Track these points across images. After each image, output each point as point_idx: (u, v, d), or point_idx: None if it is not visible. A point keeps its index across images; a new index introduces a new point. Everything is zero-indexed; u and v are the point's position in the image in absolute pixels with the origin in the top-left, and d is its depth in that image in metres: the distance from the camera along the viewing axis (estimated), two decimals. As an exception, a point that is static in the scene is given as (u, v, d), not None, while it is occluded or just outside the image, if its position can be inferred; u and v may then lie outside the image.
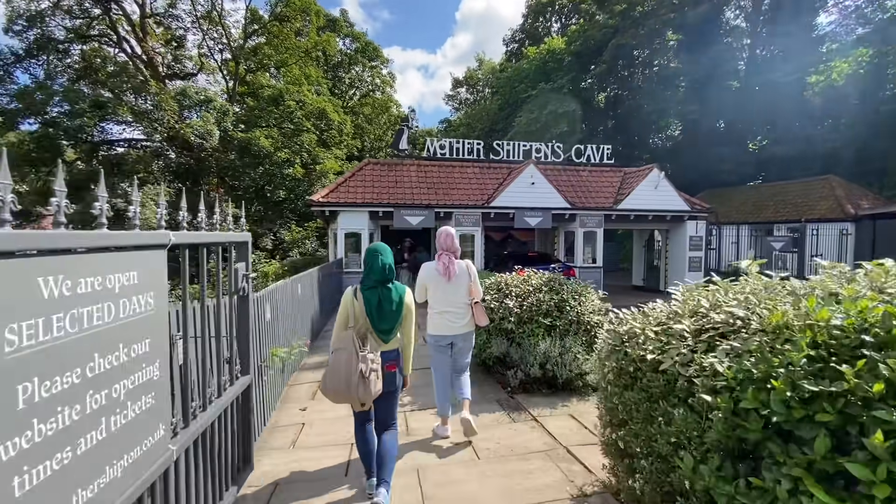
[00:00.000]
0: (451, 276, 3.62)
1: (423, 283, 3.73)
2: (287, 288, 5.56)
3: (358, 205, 11.88)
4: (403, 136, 13.62)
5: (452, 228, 3.84)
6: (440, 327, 3.69)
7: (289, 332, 5.58)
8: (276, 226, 20.35)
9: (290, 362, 5.44)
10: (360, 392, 2.49)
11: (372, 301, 2.66)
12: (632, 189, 13.44)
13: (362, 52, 35.35)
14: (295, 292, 6.22)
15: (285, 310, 5.51)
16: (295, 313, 6.27)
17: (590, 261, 13.41)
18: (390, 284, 2.73)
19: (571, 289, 5.16)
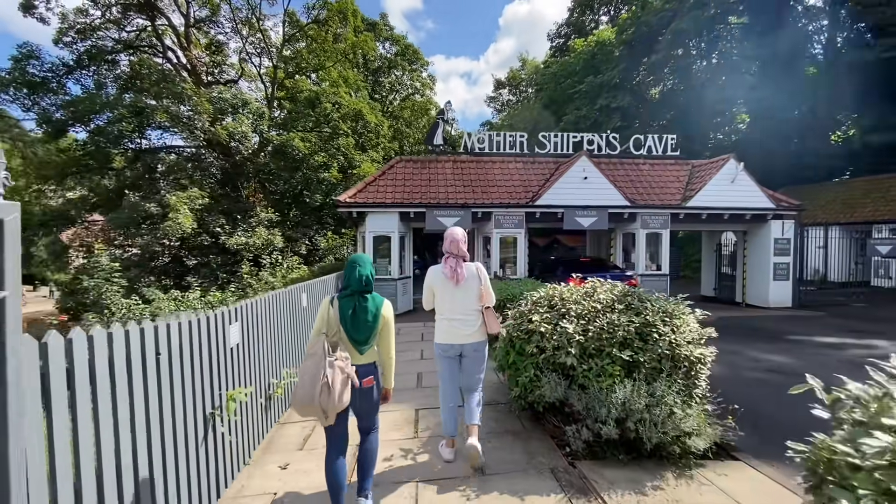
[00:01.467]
0: (458, 279, 3.31)
1: (430, 288, 3.44)
2: (278, 300, 4.40)
3: (387, 205, 10.76)
4: (438, 130, 12.42)
5: (461, 231, 3.46)
6: (447, 335, 3.37)
7: (283, 355, 4.42)
8: (312, 231, 19.81)
9: (279, 395, 4.27)
10: (323, 400, 2.33)
11: (346, 310, 2.56)
12: (703, 183, 11.48)
13: (402, 55, 34.90)
14: (296, 304, 5.07)
15: (278, 328, 4.35)
16: (298, 331, 5.11)
17: (654, 267, 11.56)
18: (367, 295, 2.62)
19: (658, 307, 3.64)
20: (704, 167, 12.31)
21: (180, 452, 2.46)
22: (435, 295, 3.43)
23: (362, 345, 2.58)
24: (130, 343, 2.09)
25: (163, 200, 15.37)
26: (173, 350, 2.43)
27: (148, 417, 2.18)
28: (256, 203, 20.87)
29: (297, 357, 5.04)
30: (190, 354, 2.62)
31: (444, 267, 3.38)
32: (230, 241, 15.96)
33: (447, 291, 3.37)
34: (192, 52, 22.46)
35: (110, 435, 1.92)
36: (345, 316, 2.54)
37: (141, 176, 17.82)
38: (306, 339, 5.51)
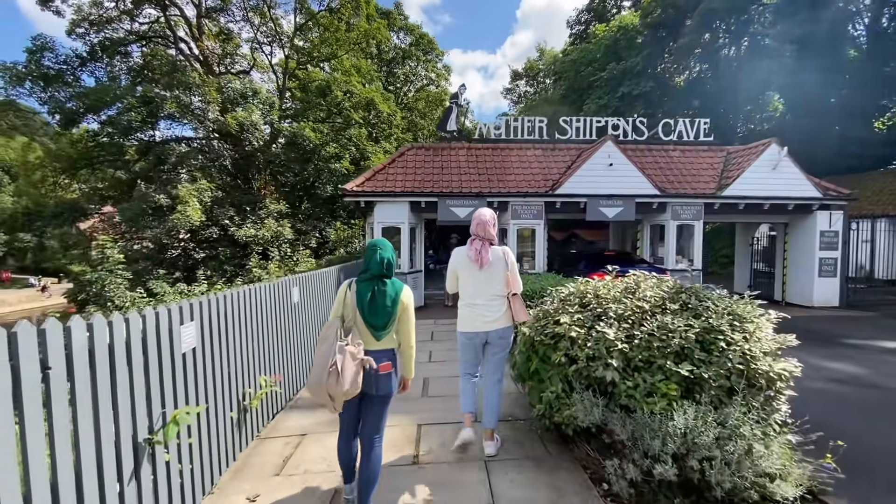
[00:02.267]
0: (483, 263, 3.15)
1: (454, 271, 3.32)
2: (256, 295, 3.77)
3: (397, 194, 10.09)
4: (452, 115, 11.69)
5: (490, 212, 3.29)
6: (470, 322, 3.23)
7: (265, 360, 3.80)
8: (322, 223, 19.33)
9: (256, 407, 3.64)
10: (331, 386, 2.25)
11: (364, 294, 2.45)
12: (741, 170, 10.49)
13: (416, 45, 34.17)
14: (284, 299, 4.44)
15: (259, 328, 3.73)
16: (288, 330, 4.49)
17: (685, 262, 10.64)
18: (387, 280, 2.51)
19: (724, 307, 2.87)
20: (742, 153, 11.28)
21: (90, 499, 1.82)
22: (458, 278, 3.30)
23: (379, 330, 2.48)
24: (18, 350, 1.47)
25: (172, 192, 15.02)
26: (76, 361, 1.79)
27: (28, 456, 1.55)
28: (268, 195, 20.50)
29: (286, 361, 4.42)
30: (110, 365, 1.98)
31: (469, 249, 3.22)
32: (239, 233, 15.55)
33: (471, 275, 3.22)
34: (204, 42, 22.12)
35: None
36: (362, 300, 2.46)
37: (152, 167, 17.53)
38: (299, 337, 4.89)
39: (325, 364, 2.28)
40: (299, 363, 4.87)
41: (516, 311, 3.23)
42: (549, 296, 4.13)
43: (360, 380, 2.33)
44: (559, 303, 3.41)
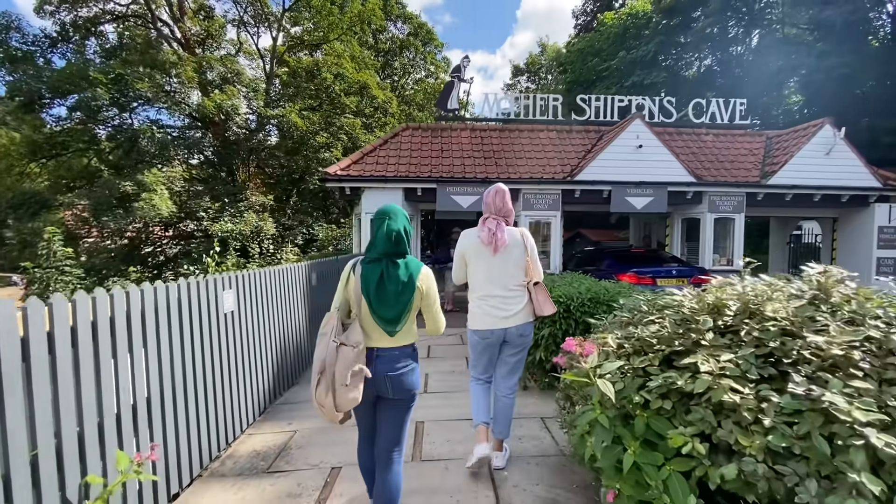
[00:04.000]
0: (498, 246, 2.66)
1: (462, 256, 2.79)
2: (148, 297, 2.25)
3: (389, 179, 8.56)
4: (453, 92, 10.18)
5: (505, 186, 2.82)
6: (483, 319, 2.72)
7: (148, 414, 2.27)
8: (311, 219, 17.81)
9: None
10: (320, 396, 1.86)
11: (370, 278, 1.95)
12: (789, 156, 9.02)
13: (415, 34, 32.68)
14: (204, 307, 2.93)
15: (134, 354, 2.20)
16: (211, 353, 2.97)
17: (723, 262, 9.18)
18: (400, 259, 1.99)
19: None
20: (787, 137, 9.81)
21: None
22: (468, 265, 2.80)
23: (392, 325, 1.95)
24: None
25: (138, 179, 13.44)
26: None
27: None
28: (253, 188, 18.93)
29: (185, 408, 2.89)
30: None
31: (481, 229, 2.74)
32: (214, 227, 13.99)
33: (483, 261, 2.73)
34: (186, 24, 20.52)
35: None
36: (368, 287, 1.93)
37: (122, 155, 15.91)
38: (238, 363, 3.36)
39: (315, 372, 1.90)
40: (231, 400, 3.32)
41: (540, 303, 2.76)
42: (618, 307, 2.67)
43: (357, 391, 1.86)
44: (664, 320, 1.89)
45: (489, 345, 2.77)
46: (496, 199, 2.77)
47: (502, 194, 2.79)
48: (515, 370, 2.86)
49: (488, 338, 2.74)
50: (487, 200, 2.80)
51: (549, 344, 4.00)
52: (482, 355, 2.83)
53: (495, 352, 2.82)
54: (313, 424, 3.55)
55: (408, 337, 2.06)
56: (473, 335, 2.81)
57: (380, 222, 2.02)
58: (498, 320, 2.70)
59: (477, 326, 2.76)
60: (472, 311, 2.80)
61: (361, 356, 1.91)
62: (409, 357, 2.06)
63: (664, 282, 7.46)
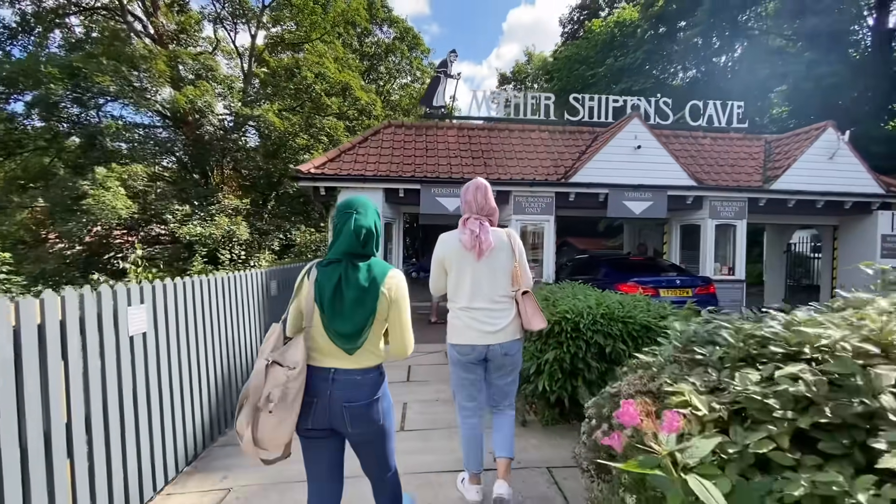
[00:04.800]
0: (483, 249, 2.27)
1: (441, 262, 2.38)
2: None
3: (368, 179, 7.81)
4: (440, 88, 9.53)
5: (485, 181, 2.44)
6: (466, 333, 2.33)
7: None
8: (288, 223, 16.88)
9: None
10: (239, 422, 1.52)
11: (326, 284, 1.60)
12: (793, 160, 8.58)
13: (401, 38, 32.16)
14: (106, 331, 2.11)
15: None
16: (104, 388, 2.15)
17: (724, 271, 8.64)
18: (362, 262, 1.65)
19: None
20: (788, 141, 9.40)
21: None
22: (448, 273, 2.38)
23: (349, 341, 1.60)
24: None
25: (94, 177, 12.36)
26: None
27: None
28: (228, 191, 17.93)
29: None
30: None
31: (462, 232, 2.32)
32: (182, 231, 12.98)
33: (465, 268, 2.31)
34: (160, 18, 19.52)
35: None
36: (322, 294, 1.59)
37: (80, 153, 14.75)
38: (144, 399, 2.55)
39: (242, 392, 1.54)
40: (139, 451, 2.48)
41: (528, 315, 2.37)
42: (665, 338, 1.98)
43: (284, 425, 1.51)
44: (795, 366, 1.17)
45: (469, 363, 2.37)
46: (477, 195, 2.37)
47: (483, 190, 2.39)
48: (508, 392, 2.49)
49: (469, 354, 2.34)
50: (467, 198, 2.40)
51: (553, 371, 3.27)
52: (464, 375, 2.41)
53: (479, 373, 2.42)
54: (256, 478, 2.75)
55: (372, 357, 1.68)
56: (452, 350, 2.40)
57: (345, 216, 1.67)
58: (481, 335, 2.31)
59: (456, 340, 2.37)
60: (452, 323, 2.40)
61: (296, 381, 1.54)
62: (374, 384, 1.68)
63: (667, 292, 6.86)
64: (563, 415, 3.51)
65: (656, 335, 3.27)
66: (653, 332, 3.31)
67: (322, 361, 1.63)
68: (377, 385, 1.70)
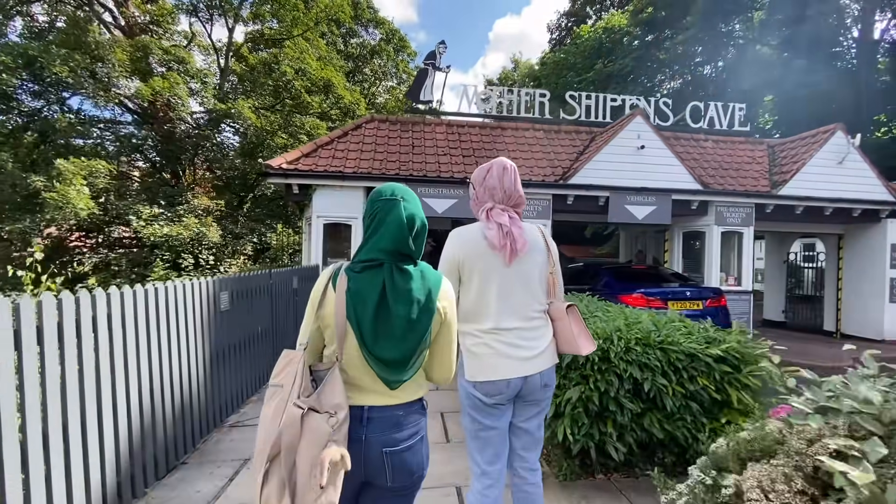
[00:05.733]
0: (514, 251, 1.68)
1: (456, 266, 1.72)
2: None
3: (347, 176, 7.02)
4: (427, 81, 8.82)
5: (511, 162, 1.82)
6: (497, 364, 1.69)
7: None
8: (263, 226, 15.89)
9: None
10: (267, 495, 1.12)
11: (368, 295, 1.24)
12: (800, 164, 8.11)
13: (387, 40, 31.53)
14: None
15: None
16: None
17: (730, 281, 8.09)
18: (410, 266, 1.29)
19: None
20: (794, 145, 8.96)
21: None
22: (465, 281, 1.72)
23: (396, 370, 1.25)
24: None
25: (51, 172, 11.25)
26: None
27: None
28: (201, 192, 16.86)
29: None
30: None
31: (487, 226, 1.71)
32: (145, 231, 11.91)
33: (492, 274, 1.70)
34: (130, 9, 18.43)
35: None
36: (362, 308, 1.22)
37: (31, 148, 13.55)
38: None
39: (262, 456, 1.13)
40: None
41: (574, 335, 1.75)
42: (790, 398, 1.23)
43: (334, 495, 1.12)
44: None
45: (499, 404, 1.72)
46: (504, 179, 1.77)
47: (512, 173, 1.80)
48: (538, 439, 1.86)
49: (501, 393, 1.70)
50: (490, 183, 1.78)
51: (576, 413, 2.53)
52: (490, 425, 1.73)
53: (503, 415, 1.77)
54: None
55: (415, 388, 1.35)
56: (475, 392, 1.72)
57: (388, 204, 1.29)
58: (517, 364, 1.70)
59: (484, 376, 1.69)
60: (474, 353, 1.73)
61: (342, 430, 1.18)
62: (417, 420, 1.35)
63: (676, 305, 6.24)
64: (586, 467, 2.76)
65: (701, 365, 2.57)
66: (698, 360, 2.61)
67: (354, 398, 1.28)
68: (420, 420, 1.37)
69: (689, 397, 2.61)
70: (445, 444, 3.27)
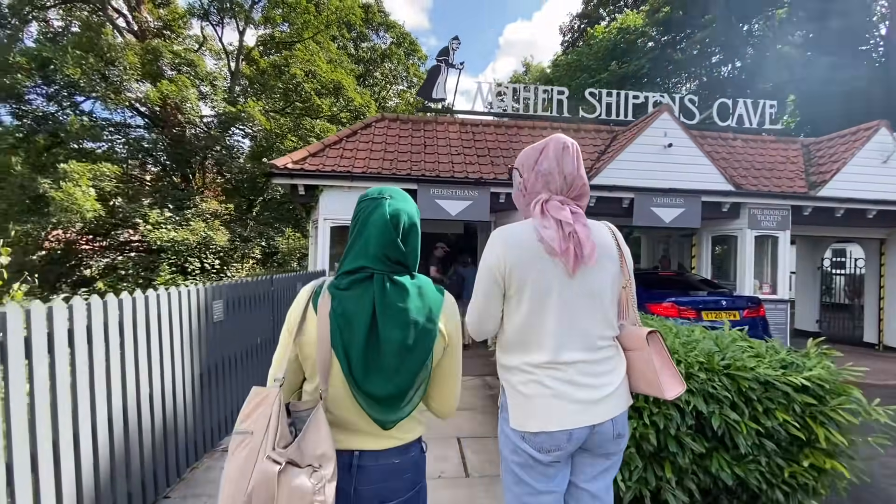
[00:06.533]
0: (580, 257, 1.25)
1: (499, 278, 1.30)
2: None
3: (356, 177, 6.65)
4: (440, 78, 8.46)
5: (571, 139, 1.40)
6: (554, 410, 1.25)
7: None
8: (272, 230, 15.66)
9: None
10: None
11: (356, 317, 1.02)
12: (840, 163, 7.55)
13: (398, 44, 31.43)
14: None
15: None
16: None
17: (766, 289, 7.54)
18: (405, 277, 1.09)
19: None
20: (832, 143, 8.39)
21: None
22: (513, 300, 1.31)
23: (389, 409, 1.03)
24: None
25: (58, 173, 11.11)
26: None
27: None
28: (211, 196, 16.72)
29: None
30: None
31: (543, 224, 1.28)
32: (152, 235, 11.71)
33: (549, 288, 1.27)
34: (143, 13, 18.48)
35: None
36: (348, 333, 1.01)
37: (40, 151, 13.47)
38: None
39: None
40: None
41: (657, 370, 1.29)
42: None
43: None
44: None
45: (554, 462, 1.28)
46: (565, 161, 1.35)
47: (574, 154, 1.37)
48: (602, 499, 1.38)
49: (560, 447, 1.26)
50: (545, 167, 1.36)
51: (628, 454, 2.08)
52: (543, 489, 1.29)
53: (558, 475, 1.32)
54: None
55: (413, 427, 1.13)
56: (524, 446, 1.28)
57: (372, 204, 1.10)
58: (582, 409, 1.26)
59: (536, 426, 1.26)
60: (524, 393, 1.29)
61: (328, 489, 0.94)
62: (416, 465, 1.13)
63: (711, 315, 5.73)
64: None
65: (778, 395, 2.10)
66: (774, 390, 2.15)
67: (341, 442, 1.05)
68: (420, 467, 1.15)
69: (764, 435, 2.14)
70: (464, 480, 2.83)
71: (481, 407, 4.18)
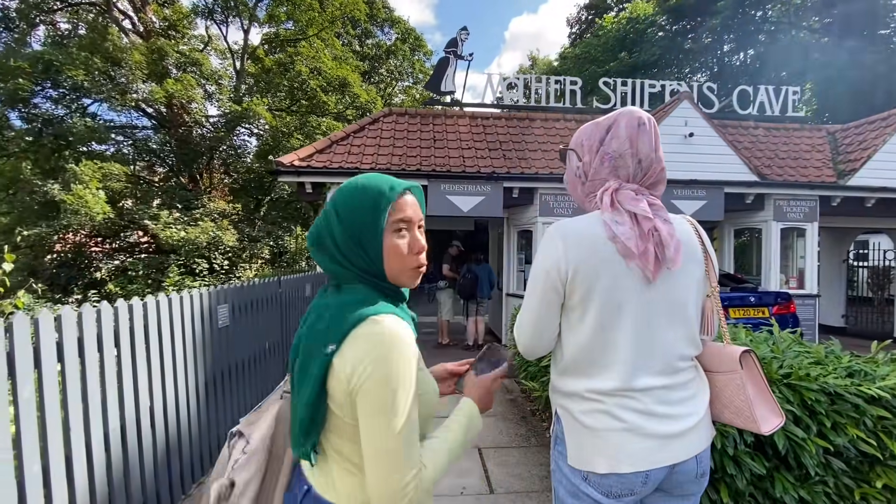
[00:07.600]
0: (660, 260, 0.99)
1: (559, 284, 1.03)
2: None
3: (364, 173, 6.44)
4: (449, 71, 8.21)
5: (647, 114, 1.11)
6: (621, 447, 0.99)
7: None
8: (280, 229, 15.55)
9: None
10: None
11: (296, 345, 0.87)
12: (871, 150, 7.19)
13: (403, 40, 31.15)
14: None
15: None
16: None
17: (793, 283, 7.22)
18: (330, 291, 0.90)
19: None
20: (860, 130, 8.00)
21: None
22: (574, 311, 1.04)
23: (294, 436, 0.85)
24: None
25: (67, 176, 11.06)
26: None
27: None
28: (219, 196, 16.67)
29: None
30: None
31: (615, 220, 1.02)
32: (163, 234, 11.63)
33: (625, 300, 1.00)
34: (148, 14, 18.41)
35: None
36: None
37: (47, 154, 13.44)
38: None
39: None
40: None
41: (749, 399, 1.04)
42: None
43: None
44: None
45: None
46: (641, 141, 1.10)
47: (652, 132, 1.12)
48: None
49: (635, 491, 1.02)
50: (615, 148, 1.10)
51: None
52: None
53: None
54: None
55: (324, 475, 0.87)
56: (589, 490, 1.03)
57: None
58: (660, 445, 1.01)
59: (610, 466, 1.00)
60: (588, 426, 1.04)
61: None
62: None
63: (738, 312, 5.46)
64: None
65: (848, 408, 1.85)
66: (842, 402, 1.90)
67: None
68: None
69: (831, 453, 1.90)
70: (488, 497, 2.62)
71: (501, 413, 3.97)
